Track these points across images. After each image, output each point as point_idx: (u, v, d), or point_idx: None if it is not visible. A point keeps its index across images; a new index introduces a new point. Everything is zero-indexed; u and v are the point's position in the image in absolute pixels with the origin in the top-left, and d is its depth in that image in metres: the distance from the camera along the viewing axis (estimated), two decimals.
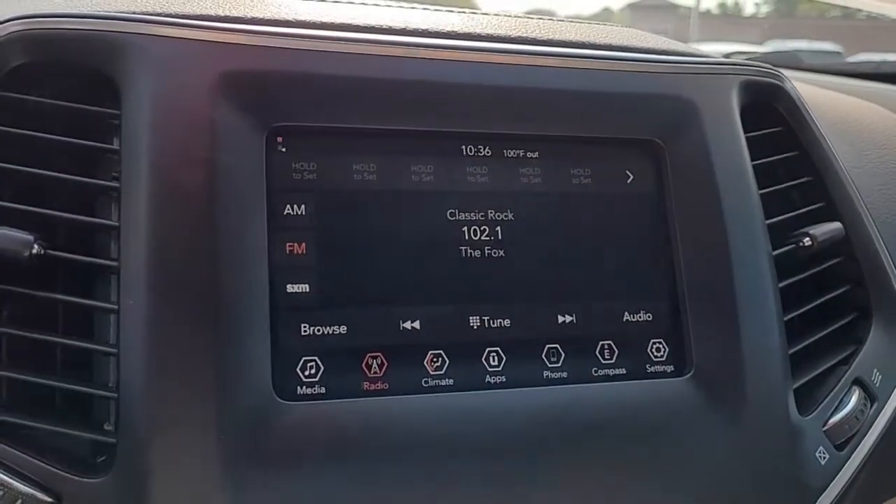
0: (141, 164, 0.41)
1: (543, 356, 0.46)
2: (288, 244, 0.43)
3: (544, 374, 0.46)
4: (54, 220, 0.42)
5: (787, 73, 0.60)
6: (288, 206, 0.43)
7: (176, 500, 0.38)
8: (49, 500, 0.37)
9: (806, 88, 0.71)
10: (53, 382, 0.40)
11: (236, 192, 0.42)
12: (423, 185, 0.46)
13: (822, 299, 0.55)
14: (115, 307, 0.40)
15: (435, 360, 0.44)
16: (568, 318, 0.47)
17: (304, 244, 0.43)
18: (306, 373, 0.42)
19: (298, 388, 0.42)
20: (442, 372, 0.44)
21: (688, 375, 0.48)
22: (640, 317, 0.49)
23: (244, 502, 0.39)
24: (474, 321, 0.45)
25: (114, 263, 0.41)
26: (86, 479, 0.38)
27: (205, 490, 0.38)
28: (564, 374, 0.46)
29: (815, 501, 0.49)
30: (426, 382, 0.44)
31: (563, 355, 0.46)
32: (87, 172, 0.43)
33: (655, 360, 0.48)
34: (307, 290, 0.43)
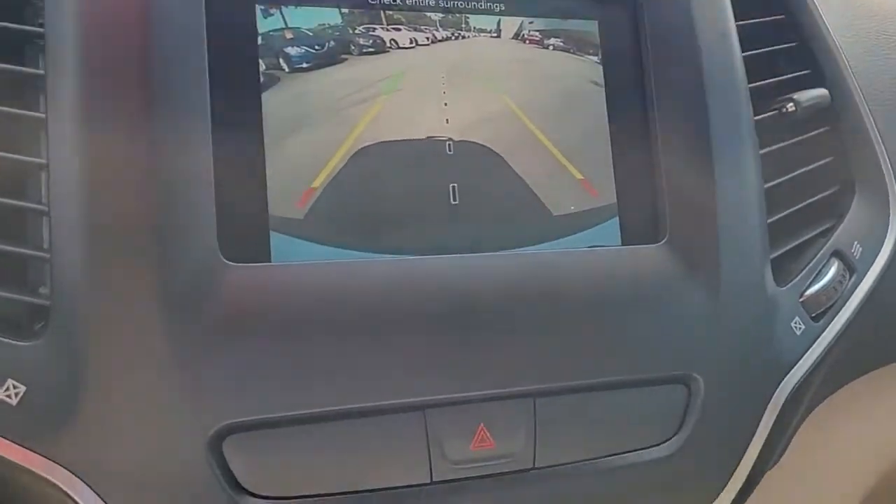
0: (66, 10, 0.37)
1: (510, 220, 0.44)
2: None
3: (511, 238, 0.43)
4: None
5: None
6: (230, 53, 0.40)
7: (114, 363, 0.36)
8: None
9: None
10: None
11: (174, 41, 0.38)
12: (380, 39, 0.43)
13: (805, 169, 0.53)
14: (45, 162, 0.37)
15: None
16: (536, 180, 0.44)
17: None
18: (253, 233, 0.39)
19: (246, 249, 0.39)
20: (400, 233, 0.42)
21: (661, 242, 0.46)
22: (612, 180, 0.46)
23: (187, 367, 0.37)
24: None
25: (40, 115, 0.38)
26: (17, 342, 0.36)
27: (144, 354, 0.36)
28: (532, 238, 0.44)
29: (789, 371, 0.48)
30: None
31: (531, 219, 0.44)
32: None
33: (627, 225, 0.46)
34: None
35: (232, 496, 0.37)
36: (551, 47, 0.46)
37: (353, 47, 0.43)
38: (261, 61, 0.41)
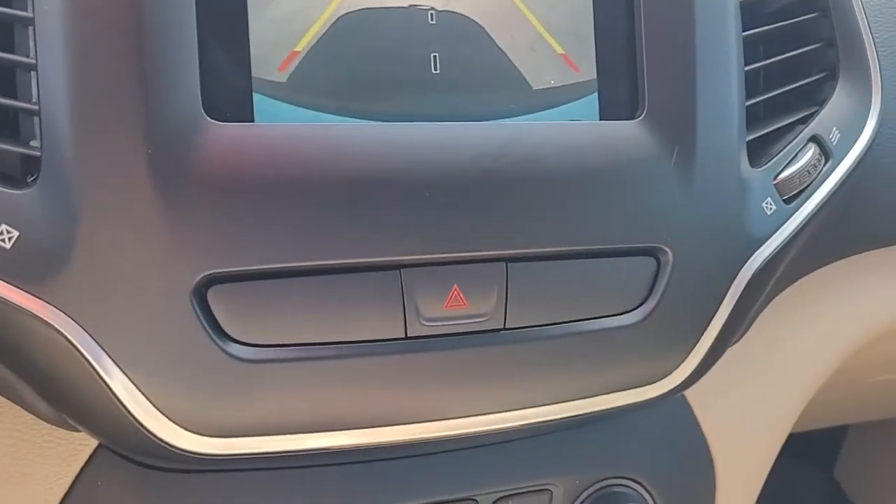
0: None
1: (490, 92, 0.44)
2: None
3: (491, 109, 0.44)
4: None
5: None
6: None
7: (103, 213, 0.38)
8: None
9: None
10: None
11: None
12: None
13: (790, 54, 0.53)
14: (31, 16, 0.38)
15: None
16: (517, 53, 0.45)
17: None
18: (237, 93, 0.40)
19: (230, 108, 0.40)
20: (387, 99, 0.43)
21: (639, 118, 0.47)
22: (593, 56, 0.46)
23: (171, 219, 0.38)
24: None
25: None
26: (10, 191, 0.37)
27: (131, 205, 0.38)
28: (512, 111, 0.45)
29: (757, 250, 0.50)
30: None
31: (511, 92, 0.45)
32: None
33: (606, 100, 0.47)
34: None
35: (216, 342, 0.39)
36: None
37: None
38: None
